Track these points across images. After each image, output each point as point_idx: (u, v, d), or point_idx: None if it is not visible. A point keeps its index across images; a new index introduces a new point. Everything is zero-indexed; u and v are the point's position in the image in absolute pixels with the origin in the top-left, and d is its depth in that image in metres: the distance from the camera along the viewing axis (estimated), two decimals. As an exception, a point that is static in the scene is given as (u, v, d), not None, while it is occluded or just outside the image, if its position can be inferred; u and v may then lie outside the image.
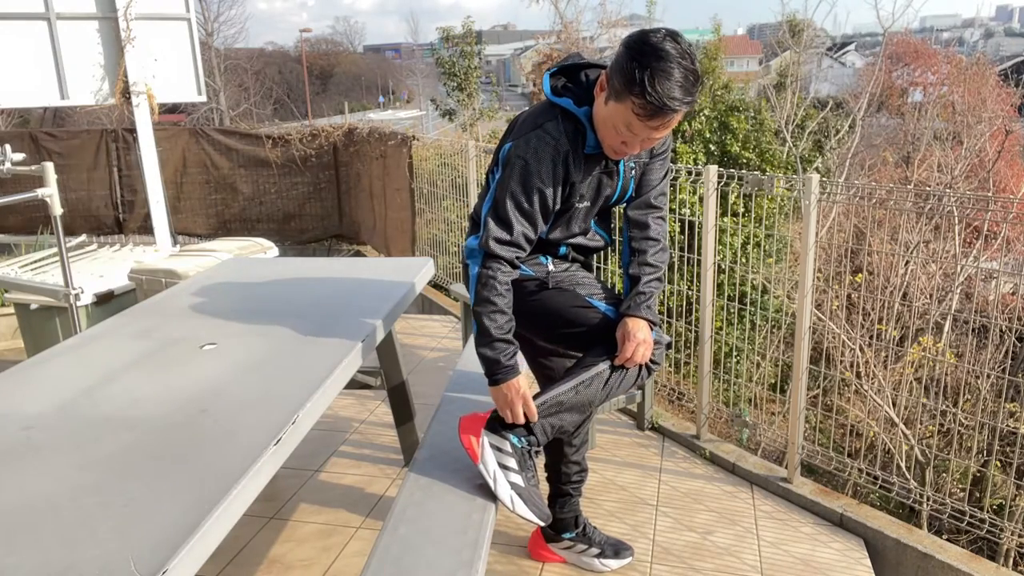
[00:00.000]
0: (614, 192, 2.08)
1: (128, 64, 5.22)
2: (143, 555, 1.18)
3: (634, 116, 1.78)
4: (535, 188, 1.90)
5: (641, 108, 1.75)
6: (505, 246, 1.91)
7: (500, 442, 1.99)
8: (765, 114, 7.98)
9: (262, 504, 3.00)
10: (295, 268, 3.02)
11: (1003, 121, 10.27)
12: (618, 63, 1.79)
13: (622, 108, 1.80)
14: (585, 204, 2.04)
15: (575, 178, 1.96)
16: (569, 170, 1.93)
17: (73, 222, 7.74)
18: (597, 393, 2.06)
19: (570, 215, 2.06)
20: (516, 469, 1.98)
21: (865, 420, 4.23)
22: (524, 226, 1.91)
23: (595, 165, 2.00)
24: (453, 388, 2.64)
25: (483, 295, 1.91)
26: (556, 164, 1.90)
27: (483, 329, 1.92)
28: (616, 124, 1.84)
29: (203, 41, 26.13)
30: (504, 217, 1.91)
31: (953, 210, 3.55)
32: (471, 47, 14.74)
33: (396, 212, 7.14)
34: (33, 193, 3.25)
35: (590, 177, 2.00)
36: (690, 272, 4.65)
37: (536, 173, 1.89)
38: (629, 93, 1.76)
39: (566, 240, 2.12)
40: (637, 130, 1.81)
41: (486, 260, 1.92)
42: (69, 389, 1.84)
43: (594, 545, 2.58)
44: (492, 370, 1.94)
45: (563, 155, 1.91)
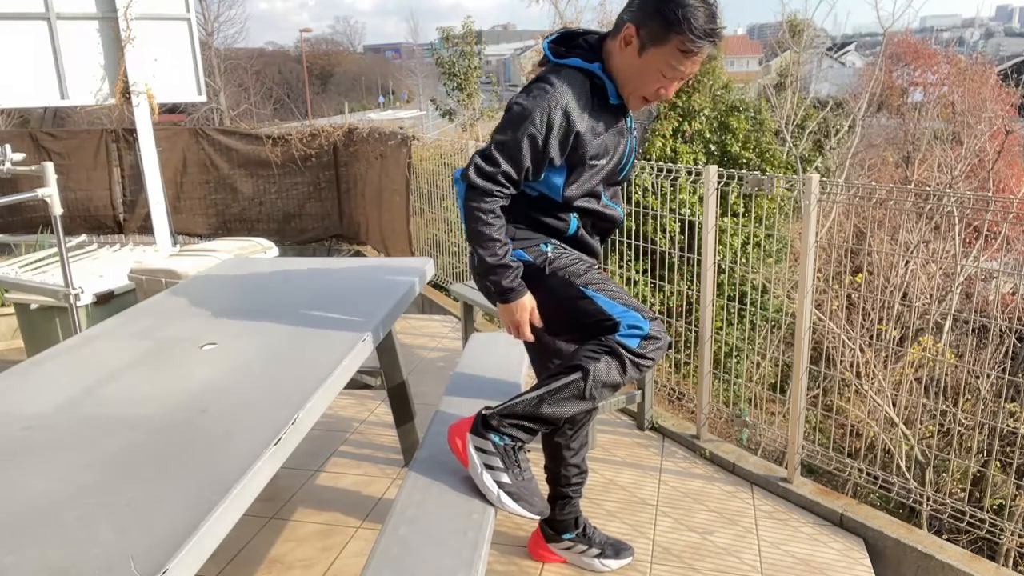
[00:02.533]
0: (625, 151, 2.11)
1: (128, 64, 5.22)
2: (143, 555, 1.18)
3: (680, 55, 1.90)
4: (527, 132, 1.92)
5: (689, 43, 1.87)
6: (485, 179, 1.94)
7: (483, 443, 2.01)
8: (765, 114, 7.98)
9: (262, 504, 3.00)
10: (295, 268, 3.02)
11: (1003, 121, 10.26)
12: (647, 12, 1.91)
13: (665, 51, 1.91)
14: (602, 163, 2.05)
15: (584, 137, 1.97)
16: (571, 120, 1.95)
17: (73, 222, 7.73)
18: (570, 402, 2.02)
19: (588, 173, 2.05)
20: (501, 467, 1.99)
21: (865, 420, 4.23)
22: (507, 165, 1.93)
23: (613, 120, 2.05)
24: (453, 388, 2.64)
25: (474, 228, 1.96)
26: (553, 111, 1.92)
27: (482, 261, 1.97)
28: (659, 68, 1.94)
29: (203, 41, 26.12)
30: (489, 153, 1.95)
31: (953, 210, 3.55)
32: (471, 47, 14.75)
33: (396, 212, 7.13)
34: (33, 193, 3.25)
35: (609, 132, 2.04)
36: (690, 272, 4.65)
37: (530, 118, 1.92)
38: (673, 33, 1.88)
39: (582, 199, 2.08)
40: (683, 68, 1.93)
41: (470, 193, 1.96)
42: (69, 389, 1.84)
43: (594, 545, 2.58)
44: (499, 294, 2.02)
45: (562, 106, 1.93)
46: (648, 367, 2.06)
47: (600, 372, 1.98)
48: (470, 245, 2.00)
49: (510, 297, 2.01)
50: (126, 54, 5.20)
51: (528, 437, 2.05)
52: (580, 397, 2.00)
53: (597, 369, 1.98)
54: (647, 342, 2.00)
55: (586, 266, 2.11)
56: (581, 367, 1.99)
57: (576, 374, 1.99)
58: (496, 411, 2.03)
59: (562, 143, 1.96)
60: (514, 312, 2.03)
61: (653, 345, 2.01)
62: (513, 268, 1.99)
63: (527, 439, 2.05)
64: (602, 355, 1.99)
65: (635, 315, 2.00)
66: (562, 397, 2.01)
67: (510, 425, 2.02)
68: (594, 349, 2.00)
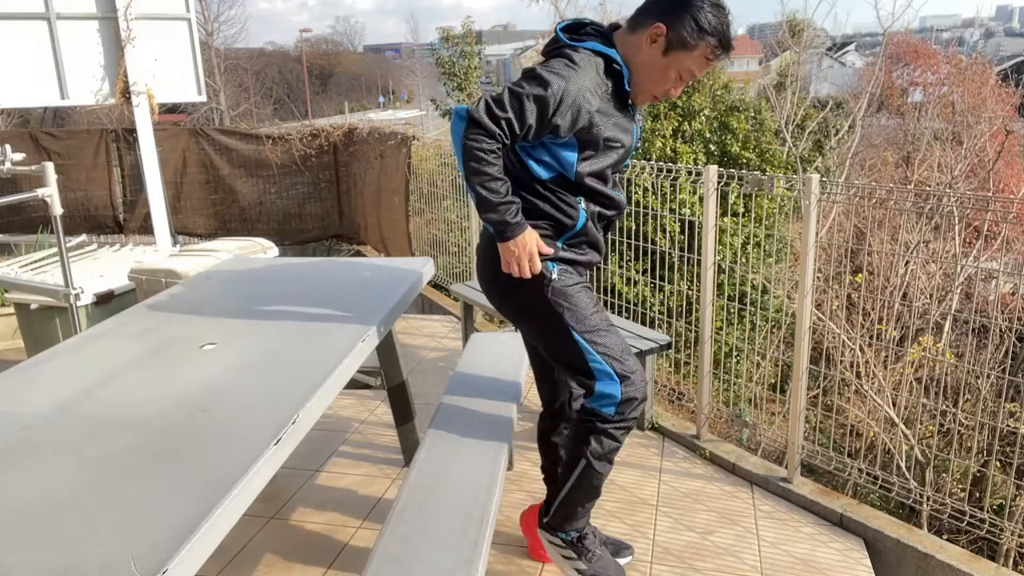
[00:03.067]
0: (634, 139, 2.14)
1: (128, 64, 5.22)
2: (143, 555, 1.18)
3: (705, 61, 2.01)
4: (539, 94, 1.92)
5: (716, 52, 1.99)
6: (490, 119, 1.92)
7: (553, 538, 2.30)
8: (765, 114, 7.98)
9: (262, 504, 3.00)
10: (295, 268, 3.02)
11: (1003, 121, 10.26)
12: (679, 15, 1.97)
13: (691, 55, 1.99)
14: (618, 145, 2.07)
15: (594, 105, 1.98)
16: (587, 99, 1.96)
17: (73, 222, 7.74)
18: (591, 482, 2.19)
19: (603, 153, 2.06)
20: (574, 557, 2.28)
21: (865, 420, 4.23)
22: (513, 115, 1.92)
23: (624, 108, 2.09)
24: (453, 388, 2.64)
25: (472, 167, 1.94)
26: (571, 84, 1.94)
27: (482, 199, 1.97)
28: (679, 70, 2.02)
29: (203, 41, 26.11)
30: (500, 99, 1.94)
31: (953, 210, 3.55)
32: (471, 47, 14.75)
33: (395, 212, 7.13)
34: (33, 193, 3.25)
35: (623, 116, 2.07)
36: (690, 272, 4.65)
37: (548, 83, 1.93)
38: (703, 41, 1.97)
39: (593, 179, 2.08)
40: (699, 71, 2.04)
41: (473, 130, 1.92)
42: (69, 389, 1.84)
43: None
44: (500, 230, 2.00)
45: (580, 81, 1.95)
46: (631, 427, 2.18)
47: (597, 451, 2.14)
48: (468, 183, 1.98)
49: (512, 233, 2.00)
50: (126, 54, 5.20)
51: (583, 523, 2.28)
52: (596, 474, 2.17)
53: (593, 451, 2.14)
54: (623, 406, 2.10)
55: (585, 301, 2.12)
56: (580, 457, 2.16)
57: (581, 464, 2.16)
58: (548, 521, 2.27)
59: (573, 118, 1.97)
60: (514, 249, 2.01)
61: (630, 408, 2.12)
62: (514, 203, 1.99)
63: (583, 524, 2.28)
64: (590, 437, 2.13)
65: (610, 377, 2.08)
66: (583, 485, 2.20)
67: (563, 522, 2.27)
68: (581, 435, 2.16)
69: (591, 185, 2.09)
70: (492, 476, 2.07)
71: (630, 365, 2.12)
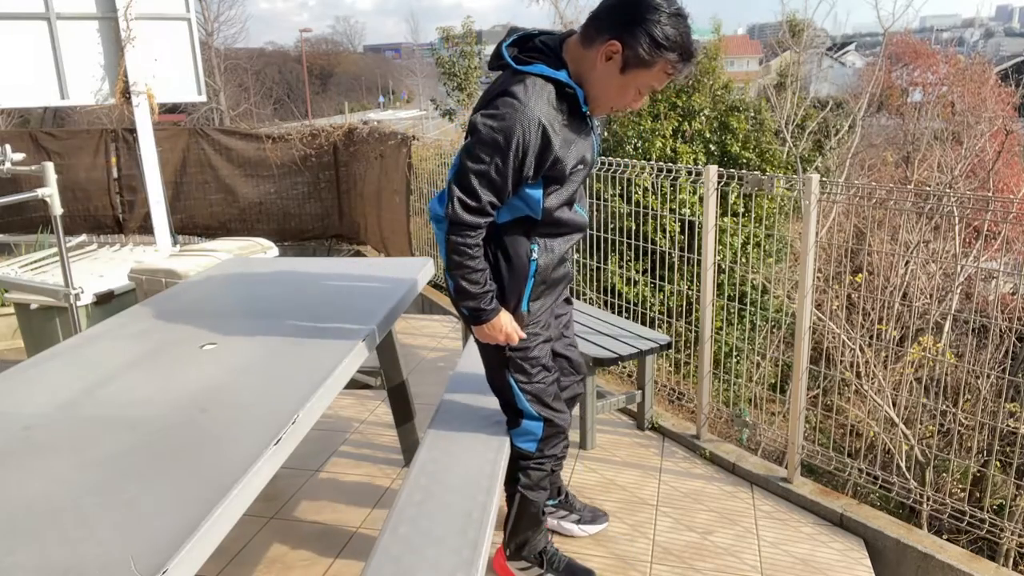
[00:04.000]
0: (594, 153, 2.10)
1: (128, 64, 5.22)
2: (143, 555, 1.18)
3: (666, 75, 1.90)
4: (504, 157, 1.86)
5: (676, 67, 1.88)
6: (470, 213, 1.90)
7: (519, 563, 2.47)
8: (765, 114, 7.98)
9: (262, 504, 3.00)
10: (295, 268, 3.02)
11: (1003, 121, 10.26)
12: (632, 32, 1.83)
13: (650, 73, 1.88)
14: (581, 168, 2.03)
15: (557, 149, 1.92)
16: (549, 141, 1.90)
17: (73, 222, 7.74)
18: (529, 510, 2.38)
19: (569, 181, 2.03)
20: (542, 571, 2.46)
21: (865, 420, 4.23)
22: (488, 194, 1.90)
23: (582, 126, 2.01)
24: (453, 388, 2.64)
25: (456, 260, 1.95)
26: (528, 131, 1.86)
27: (461, 288, 1.98)
28: (639, 86, 1.92)
29: (203, 41, 26.11)
30: (468, 186, 1.89)
31: (953, 210, 3.55)
32: (471, 47, 14.75)
33: (395, 212, 7.13)
34: (33, 193, 3.25)
35: (580, 138, 2.00)
36: (690, 272, 4.65)
37: (505, 141, 1.85)
38: (661, 58, 1.85)
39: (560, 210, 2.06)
40: (660, 85, 1.95)
41: (454, 228, 1.92)
42: (69, 389, 1.84)
43: (575, 511, 2.80)
44: (476, 317, 2.03)
45: (536, 127, 1.87)
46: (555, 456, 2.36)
47: (527, 483, 2.33)
48: (450, 275, 2.00)
49: (487, 317, 2.03)
50: (126, 54, 5.20)
51: (538, 538, 2.45)
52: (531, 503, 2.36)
53: (523, 484, 2.33)
54: (543, 443, 2.28)
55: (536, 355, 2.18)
56: (515, 493, 2.34)
57: (517, 498, 2.35)
58: (509, 550, 2.47)
59: (538, 161, 1.91)
60: (490, 332, 2.06)
61: (550, 445, 2.30)
62: (491, 291, 2.02)
63: (539, 539, 2.46)
64: (519, 474, 2.31)
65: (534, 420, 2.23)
66: (524, 515, 2.39)
67: (521, 546, 2.45)
68: (512, 473, 2.31)
69: (557, 217, 2.06)
70: (492, 476, 2.07)
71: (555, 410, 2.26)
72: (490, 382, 2.28)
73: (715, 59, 8.10)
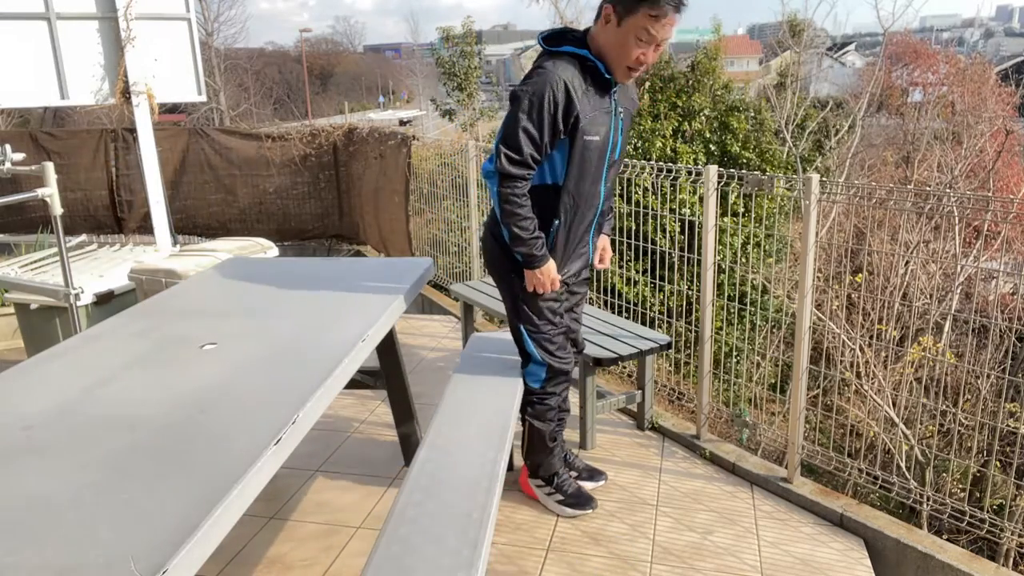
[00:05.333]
0: (611, 130, 2.44)
1: (128, 64, 5.22)
2: (143, 555, 1.18)
3: (651, 19, 2.22)
4: (539, 112, 2.28)
5: (657, 9, 2.20)
6: (516, 166, 2.33)
7: (535, 481, 2.93)
8: (765, 114, 7.98)
9: (262, 504, 3.00)
10: (295, 268, 3.02)
11: (1003, 121, 10.26)
12: None
13: (637, 19, 2.23)
14: (596, 139, 2.39)
15: (579, 108, 2.30)
16: (572, 98, 2.29)
17: (73, 222, 7.73)
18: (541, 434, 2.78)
19: (582, 149, 2.39)
20: (552, 490, 2.90)
21: (865, 420, 4.23)
22: (530, 147, 2.31)
23: (601, 101, 2.38)
24: (453, 388, 2.64)
25: (508, 209, 2.37)
26: (556, 86, 2.27)
27: (515, 235, 2.41)
28: (636, 35, 2.25)
29: (203, 41, 26.09)
30: (513, 143, 2.31)
31: (953, 210, 3.55)
32: (471, 47, 14.76)
33: (395, 212, 7.13)
34: (33, 193, 3.25)
35: (598, 111, 2.37)
36: (690, 272, 4.65)
37: (539, 99, 2.28)
38: (641, 4, 2.21)
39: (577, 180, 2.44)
40: (656, 32, 2.24)
41: (503, 181, 2.34)
42: (69, 389, 1.84)
43: (574, 469, 3.07)
44: (529, 261, 2.47)
45: (562, 86, 2.28)
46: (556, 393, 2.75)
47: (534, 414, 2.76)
48: (504, 223, 2.40)
49: (538, 264, 2.46)
50: (126, 54, 5.20)
51: (550, 462, 2.87)
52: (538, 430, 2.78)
53: (530, 413, 2.76)
54: (546, 382, 2.70)
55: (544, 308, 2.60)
56: (525, 420, 2.78)
57: (527, 425, 2.78)
58: (529, 469, 2.92)
59: (565, 115, 2.30)
60: (539, 275, 2.49)
61: (552, 383, 2.71)
62: (540, 239, 2.43)
63: (551, 463, 2.88)
64: (526, 406, 2.75)
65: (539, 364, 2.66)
66: (534, 440, 2.81)
67: (536, 469, 2.90)
68: (523, 405, 2.72)
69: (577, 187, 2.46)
70: (492, 476, 2.07)
71: (558, 357, 2.67)
72: (509, 325, 2.73)
73: (715, 59, 8.09)
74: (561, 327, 2.67)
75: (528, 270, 2.49)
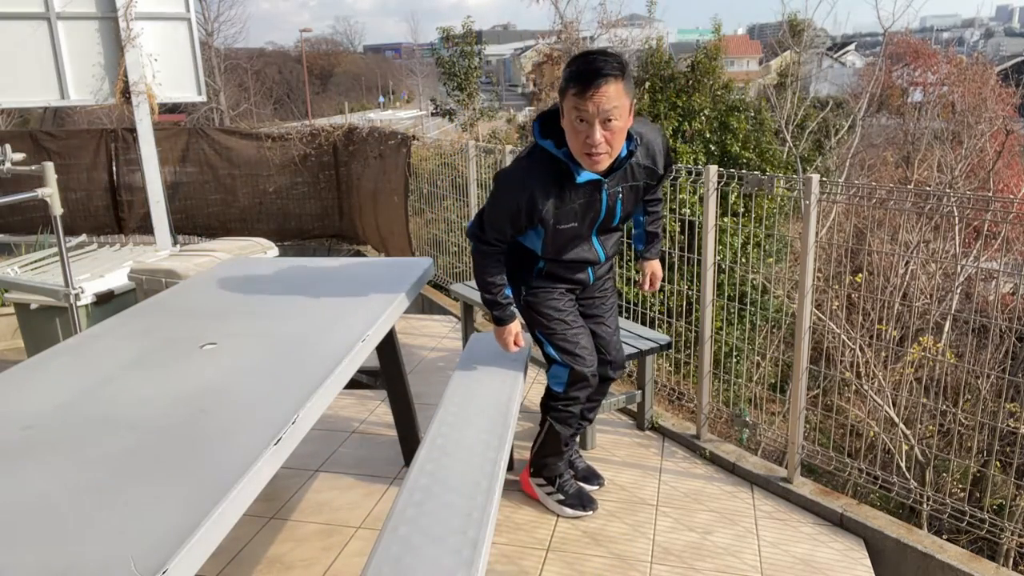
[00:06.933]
0: (598, 215, 2.48)
1: (128, 64, 5.22)
2: (143, 555, 1.18)
3: (577, 100, 2.16)
4: (503, 210, 2.43)
5: (573, 84, 2.16)
6: (481, 242, 2.53)
7: (539, 480, 2.96)
8: (765, 114, 7.98)
9: (262, 504, 3.00)
10: (295, 268, 3.02)
11: (1003, 121, 10.26)
12: None
13: (568, 104, 2.20)
14: (571, 226, 2.46)
15: (544, 211, 2.38)
16: (535, 205, 2.37)
17: (73, 222, 7.73)
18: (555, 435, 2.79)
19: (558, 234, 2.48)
20: (554, 490, 2.93)
21: (865, 420, 4.23)
22: (495, 231, 2.49)
23: (583, 194, 2.41)
24: (453, 388, 2.64)
25: (476, 271, 2.58)
26: (520, 194, 2.37)
27: (482, 295, 2.61)
28: (572, 121, 2.22)
29: (203, 41, 26.10)
30: (482, 221, 2.52)
31: (953, 210, 3.55)
32: (471, 47, 14.76)
33: (395, 212, 7.13)
34: (33, 193, 3.25)
35: (575, 204, 2.42)
36: (690, 272, 4.65)
37: (505, 199, 2.43)
38: (566, 87, 2.19)
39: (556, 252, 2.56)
40: (584, 111, 2.16)
41: (475, 244, 2.56)
42: (69, 389, 1.84)
43: (574, 469, 3.07)
44: (492, 319, 2.66)
45: (526, 196, 2.36)
46: (578, 398, 2.73)
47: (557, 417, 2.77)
48: (476, 282, 2.60)
49: (501, 323, 2.66)
50: (126, 54, 5.20)
51: (557, 465, 2.90)
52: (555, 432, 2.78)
53: (554, 417, 2.77)
54: (569, 386, 2.69)
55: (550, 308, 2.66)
56: (545, 420, 2.80)
57: (546, 426, 2.80)
58: (533, 467, 2.94)
59: (529, 217, 2.41)
60: (500, 334, 2.69)
61: (575, 387, 2.70)
62: (502, 304, 2.60)
63: (558, 466, 2.90)
64: (549, 405, 2.78)
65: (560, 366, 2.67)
66: (549, 440, 2.82)
67: (541, 467, 2.92)
68: (545, 403, 2.80)
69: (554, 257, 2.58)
70: (492, 476, 2.07)
71: (578, 357, 2.66)
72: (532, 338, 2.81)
73: (715, 59, 8.09)
74: (576, 326, 2.69)
75: (494, 325, 2.68)
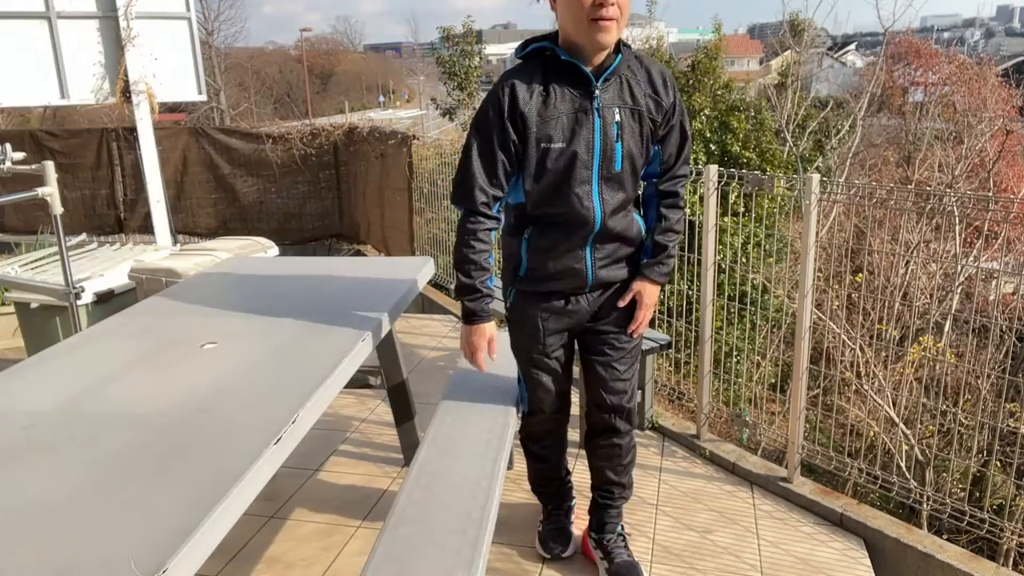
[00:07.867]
0: (592, 139, 2.00)
1: (128, 63, 5.22)
2: (143, 555, 1.18)
3: None
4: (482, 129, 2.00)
5: None
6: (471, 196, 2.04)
7: None
8: (765, 114, 7.98)
9: (262, 504, 3.00)
10: (295, 267, 3.02)
11: (1004, 121, 10.26)
12: None
13: None
14: (558, 146, 1.98)
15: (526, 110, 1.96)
16: (516, 94, 1.96)
17: (73, 221, 7.73)
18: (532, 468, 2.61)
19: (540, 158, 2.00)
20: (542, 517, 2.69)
21: (865, 420, 4.23)
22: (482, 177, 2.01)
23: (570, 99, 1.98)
24: (453, 388, 2.64)
25: (458, 243, 2.10)
26: (499, 93, 1.97)
27: (457, 279, 2.12)
28: None
29: (203, 40, 26.10)
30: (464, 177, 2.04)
31: (953, 210, 3.55)
32: (471, 46, 14.74)
33: (396, 211, 7.13)
34: (33, 192, 3.25)
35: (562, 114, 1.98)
36: (690, 272, 4.65)
37: (483, 113, 1.99)
38: None
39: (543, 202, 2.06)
40: None
41: (463, 212, 2.08)
42: (69, 388, 1.84)
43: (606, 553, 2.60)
44: (467, 313, 2.16)
45: (507, 89, 1.96)
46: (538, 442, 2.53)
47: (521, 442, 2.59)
48: (455, 266, 2.13)
49: (471, 320, 2.16)
50: (126, 53, 5.20)
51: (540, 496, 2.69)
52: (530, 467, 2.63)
53: None
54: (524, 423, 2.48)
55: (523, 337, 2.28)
56: None
57: None
58: None
59: (512, 122, 1.96)
60: (471, 334, 2.19)
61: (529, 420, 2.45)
62: (480, 292, 2.11)
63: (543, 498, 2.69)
64: None
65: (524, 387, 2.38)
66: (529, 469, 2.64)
67: None
68: None
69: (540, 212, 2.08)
70: (492, 476, 2.07)
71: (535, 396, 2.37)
72: None
73: (715, 59, 8.09)
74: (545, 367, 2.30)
75: (463, 324, 2.16)
